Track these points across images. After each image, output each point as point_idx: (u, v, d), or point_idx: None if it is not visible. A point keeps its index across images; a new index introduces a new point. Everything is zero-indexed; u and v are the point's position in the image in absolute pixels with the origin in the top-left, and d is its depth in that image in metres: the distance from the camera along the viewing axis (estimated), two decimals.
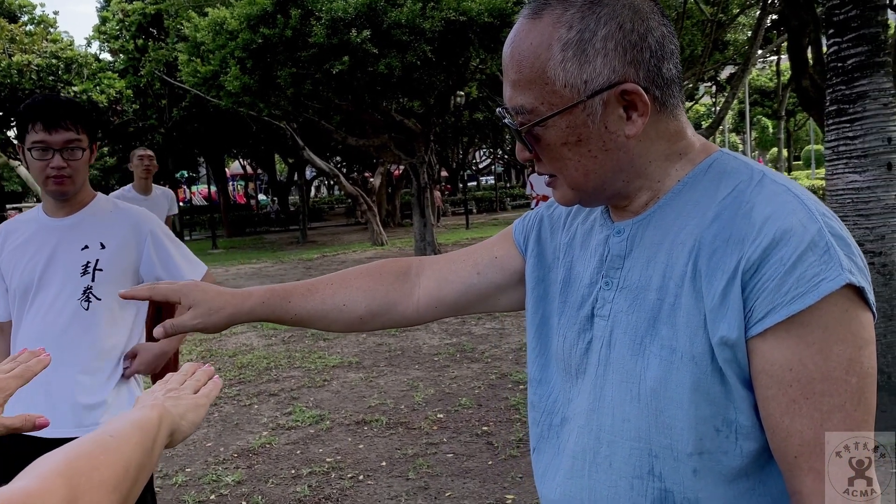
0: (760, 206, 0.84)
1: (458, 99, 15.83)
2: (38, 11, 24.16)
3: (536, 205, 10.40)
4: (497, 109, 0.98)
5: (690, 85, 16.59)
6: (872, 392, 0.82)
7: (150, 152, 5.83)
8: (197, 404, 0.99)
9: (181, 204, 27.11)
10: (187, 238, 27.74)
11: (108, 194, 2.70)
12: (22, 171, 17.42)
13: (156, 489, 3.89)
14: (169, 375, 1.07)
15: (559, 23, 0.87)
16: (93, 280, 2.09)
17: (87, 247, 2.11)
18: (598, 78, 0.86)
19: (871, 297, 0.82)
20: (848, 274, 0.79)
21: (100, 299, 2.10)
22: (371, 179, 25.62)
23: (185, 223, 28.55)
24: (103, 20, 25.81)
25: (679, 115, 0.93)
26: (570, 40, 0.86)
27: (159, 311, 5.48)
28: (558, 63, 0.86)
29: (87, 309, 2.09)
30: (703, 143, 0.96)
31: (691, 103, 25.13)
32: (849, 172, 3.98)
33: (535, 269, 1.12)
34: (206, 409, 1.01)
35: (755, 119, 40.98)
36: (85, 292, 2.09)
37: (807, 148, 40.65)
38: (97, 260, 2.10)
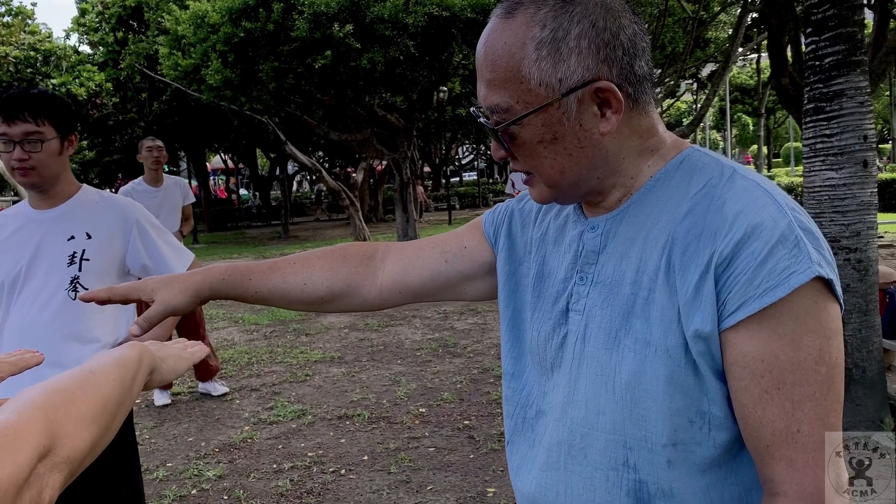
0: (732, 202, 0.86)
1: (441, 94, 15.80)
2: (15, 2, 23.82)
3: None
4: (471, 109, 0.99)
5: (672, 82, 16.68)
6: (841, 381, 0.85)
7: (159, 142, 5.58)
8: (180, 355, 1.00)
9: None
10: None
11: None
12: None
13: None
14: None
15: (533, 22, 0.87)
16: (80, 270, 2.10)
17: (73, 237, 2.11)
18: (572, 76, 0.87)
19: (839, 289, 0.85)
20: (817, 266, 0.81)
21: (87, 289, 2.10)
22: (353, 174, 25.55)
23: None
24: (82, 12, 25.47)
25: (651, 112, 0.95)
26: (544, 39, 0.87)
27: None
28: (533, 62, 0.87)
29: (74, 299, 2.09)
30: (675, 139, 0.98)
31: (672, 100, 25.27)
32: (826, 170, 4.04)
33: (507, 264, 1.13)
34: (188, 362, 1.02)
35: (736, 116, 41.31)
36: (72, 282, 2.09)
37: (786, 145, 41.01)
38: (84, 250, 2.11)
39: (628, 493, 0.92)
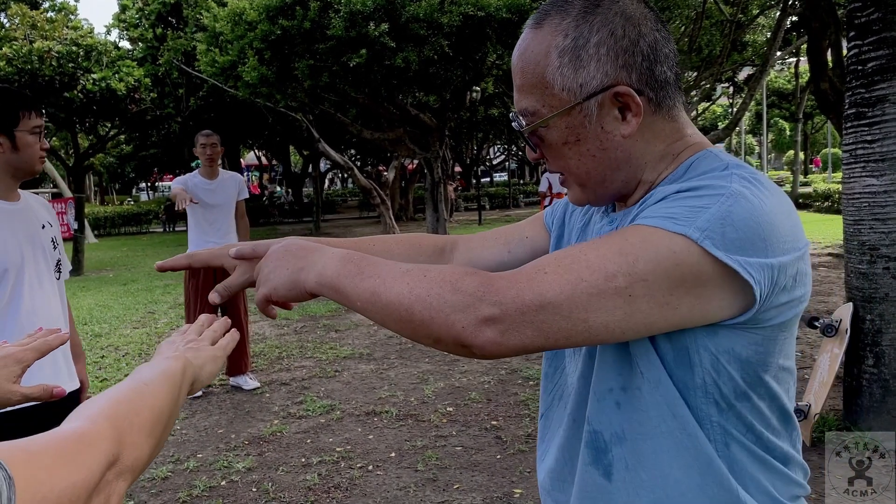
0: (701, 178, 0.89)
1: (474, 94, 15.80)
2: None
3: (550, 203, 10.36)
4: (510, 114, 1.05)
5: (708, 85, 16.47)
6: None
7: (213, 138, 5.42)
8: (215, 356, 1.04)
9: None
10: None
11: (124, 182, 2.89)
12: None
13: (168, 474, 3.95)
14: (186, 326, 1.12)
15: (557, 31, 0.94)
16: (60, 254, 2.37)
17: (44, 226, 2.33)
18: (592, 81, 0.93)
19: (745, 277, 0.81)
20: (695, 231, 0.80)
21: (60, 272, 2.37)
22: (385, 173, 25.66)
23: None
24: (123, 8, 25.96)
25: (676, 116, 0.97)
26: (565, 47, 0.93)
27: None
28: (556, 68, 0.93)
29: (58, 279, 2.34)
30: (697, 142, 0.99)
31: (708, 104, 24.94)
32: (866, 176, 3.96)
33: (554, 249, 1.21)
34: (222, 360, 1.06)
35: (772, 121, 40.68)
36: (56, 265, 2.34)
37: (824, 151, 40.32)
38: (55, 236, 2.36)
39: (586, 445, 0.99)
